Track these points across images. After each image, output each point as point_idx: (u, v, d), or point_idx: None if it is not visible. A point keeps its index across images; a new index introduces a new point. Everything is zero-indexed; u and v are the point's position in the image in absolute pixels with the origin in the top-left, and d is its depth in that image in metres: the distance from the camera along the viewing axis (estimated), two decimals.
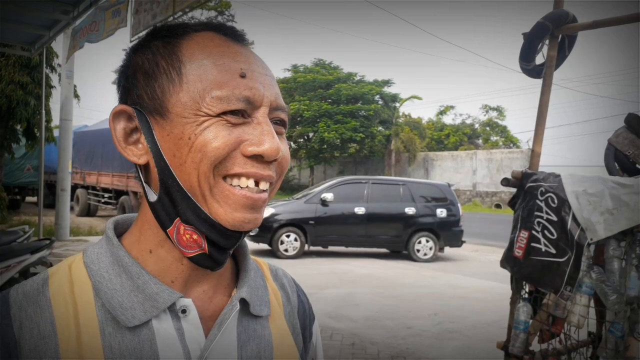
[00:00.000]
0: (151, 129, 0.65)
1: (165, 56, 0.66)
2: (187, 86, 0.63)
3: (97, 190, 16.28)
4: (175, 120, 0.63)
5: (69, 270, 0.67)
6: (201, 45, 0.66)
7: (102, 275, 0.65)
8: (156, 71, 0.66)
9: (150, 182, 0.68)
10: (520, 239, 2.82)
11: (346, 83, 34.12)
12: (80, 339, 0.61)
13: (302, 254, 10.75)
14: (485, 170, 30.80)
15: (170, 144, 0.63)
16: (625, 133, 2.80)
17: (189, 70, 0.64)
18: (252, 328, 0.71)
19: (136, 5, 5.73)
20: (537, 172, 2.93)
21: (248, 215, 0.64)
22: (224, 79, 0.63)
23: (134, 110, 0.66)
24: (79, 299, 0.63)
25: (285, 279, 0.85)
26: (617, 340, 2.46)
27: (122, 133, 0.67)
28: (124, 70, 0.70)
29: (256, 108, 0.65)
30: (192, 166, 0.62)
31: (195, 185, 0.63)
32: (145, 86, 0.66)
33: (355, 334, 5.55)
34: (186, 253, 0.65)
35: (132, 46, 0.71)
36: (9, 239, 5.01)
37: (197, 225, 0.63)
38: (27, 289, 0.64)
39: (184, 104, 0.63)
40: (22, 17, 7.34)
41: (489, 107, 40.90)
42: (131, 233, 0.71)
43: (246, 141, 0.63)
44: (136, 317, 0.63)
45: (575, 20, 3.00)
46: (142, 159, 0.66)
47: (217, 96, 0.62)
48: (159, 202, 0.65)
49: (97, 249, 0.69)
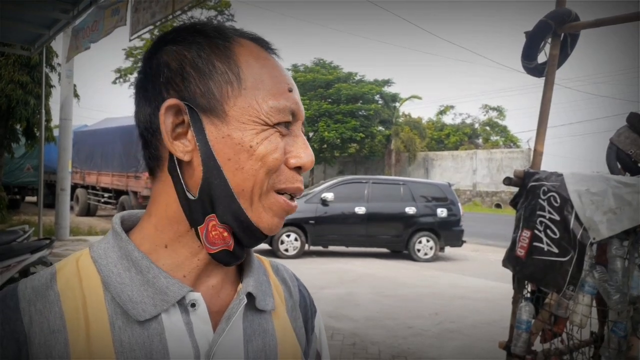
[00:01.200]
0: (203, 128, 0.65)
1: (221, 57, 0.66)
2: (245, 92, 0.65)
3: (97, 190, 16.29)
4: (233, 124, 0.64)
5: (76, 264, 0.67)
6: (254, 54, 0.68)
7: (111, 269, 0.65)
8: (212, 71, 0.66)
9: (187, 180, 0.66)
10: (523, 238, 2.81)
11: (346, 83, 34.12)
12: (90, 333, 0.61)
13: (302, 254, 10.75)
14: (486, 170, 30.82)
15: (226, 147, 0.64)
16: (627, 132, 2.79)
17: (247, 76, 0.65)
18: (257, 322, 0.71)
19: (135, 4, 5.72)
20: (539, 171, 2.92)
21: (281, 221, 0.68)
22: (279, 91, 0.66)
23: (186, 106, 0.65)
24: (88, 293, 0.63)
25: (287, 274, 0.86)
26: (620, 339, 2.45)
27: (170, 127, 0.66)
28: (163, 60, 0.67)
29: (296, 121, 0.68)
30: (251, 173, 0.64)
31: (247, 190, 0.64)
32: (199, 83, 0.65)
33: (356, 333, 5.54)
34: (210, 249, 0.66)
35: (163, 37, 0.70)
36: (8, 238, 5.00)
37: (232, 225, 0.65)
38: (35, 283, 0.64)
39: (242, 108, 0.64)
40: (22, 16, 7.32)
41: (489, 107, 40.93)
42: (142, 228, 0.70)
43: (289, 153, 0.66)
44: (147, 311, 0.63)
45: (578, 18, 2.99)
46: (187, 155, 0.65)
47: (275, 107, 0.65)
48: (198, 200, 0.65)
49: (104, 244, 0.69)
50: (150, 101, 0.68)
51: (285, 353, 0.73)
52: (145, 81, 0.69)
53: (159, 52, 0.68)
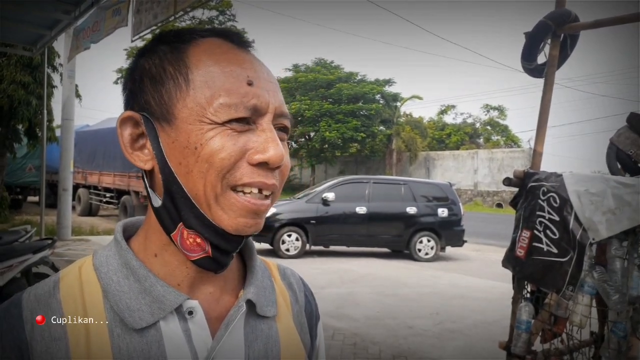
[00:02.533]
0: (157, 135, 0.65)
1: (172, 61, 0.66)
2: (194, 92, 0.64)
3: (99, 190, 16.30)
4: (181, 127, 0.63)
5: (79, 272, 0.68)
6: (208, 51, 0.66)
7: (111, 277, 0.66)
8: (163, 76, 0.66)
9: (154, 187, 0.68)
10: (522, 238, 2.81)
11: (347, 82, 34.12)
12: (90, 341, 0.62)
13: (303, 254, 10.75)
14: (487, 169, 30.80)
15: (176, 151, 0.64)
16: (627, 132, 2.80)
17: (196, 76, 0.64)
18: (259, 328, 0.71)
19: (137, 5, 5.73)
20: (539, 171, 2.93)
21: (250, 220, 0.65)
22: (232, 86, 0.63)
23: (141, 116, 0.67)
24: (89, 301, 0.65)
25: (293, 278, 0.86)
26: (620, 340, 2.45)
27: (128, 139, 0.68)
28: (131, 74, 0.70)
29: (261, 115, 0.65)
30: (199, 176, 0.62)
31: (201, 193, 0.63)
32: (153, 91, 0.66)
33: (356, 333, 5.55)
34: (190, 256, 0.66)
35: (139, 50, 0.72)
36: (11, 238, 5.01)
37: (199, 231, 0.64)
38: (39, 291, 0.65)
39: (190, 109, 0.63)
40: (24, 17, 7.33)
41: (490, 107, 40.89)
42: (138, 236, 0.72)
43: (251, 149, 0.63)
44: (143, 319, 0.64)
45: (578, 19, 2.99)
46: (148, 164, 0.67)
47: (225, 103, 0.63)
48: (163, 208, 0.66)
49: (106, 252, 0.70)
50: None
51: (289, 358, 0.74)
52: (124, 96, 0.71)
53: (134, 66, 0.70)
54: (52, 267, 5.15)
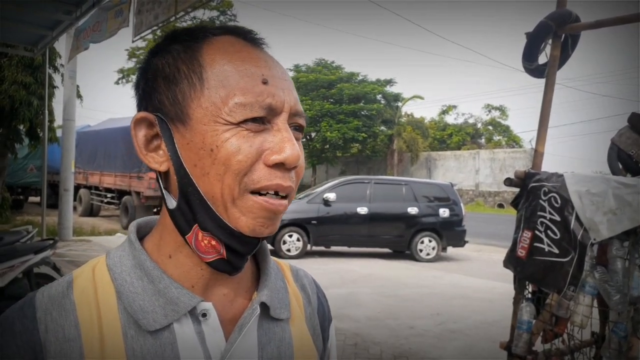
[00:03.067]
0: (172, 136, 0.64)
1: (186, 61, 0.65)
2: (208, 92, 0.62)
3: (100, 190, 16.31)
4: (195, 127, 0.62)
5: (92, 272, 0.67)
6: (222, 50, 0.65)
7: (124, 278, 0.66)
8: (177, 76, 0.65)
9: (169, 188, 0.67)
10: (523, 239, 2.81)
11: (348, 82, 34.11)
12: (104, 342, 0.61)
13: (304, 254, 10.75)
14: (488, 169, 30.77)
15: (191, 153, 0.63)
16: (629, 133, 2.80)
17: (210, 75, 0.63)
18: (272, 331, 0.71)
19: (138, 6, 5.73)
20: (540, 172, 2.93)
21: (267, 221, 0.64)
22: (247, 85, 0.62)
23: (155, 117, 0.66)
24: (102, 302, 0.64)
25: (306, 280, 0.86)
26: (621, 340, 2.45)
27: (143, 140, 0.67)
28: (144, 73, 0.69)
29: (277, 115, 0.64)
30: (216, 178, 0.62)
31: (217, 196, 0.62)
32: (166, 91, 0.65)
33: (357, 333, 5.55)
34: (204, 258, 0.65)
35: (151, 49, 0.71)
36: (12, 239, 5.01)
37: (215, 233, 0.64)
38: (52, 292, 0.65)
39: (204, 109, 0.62)
40: (25, 18, 7.35)
41: (492, 107, 40.85)
42: (152, 237, 0.71)
43: (267, 150, 0.62)
44: (157, 321, 0.63)
45: (578, 19, 2.99)
46: (163, 166, 0.66)
47: (240, 103, 0.61)
48: (178, 209, 0.65)
49: (120, 252, 0.69)
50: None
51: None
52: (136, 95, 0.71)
53: (146, 65, 0.69)
54: (53, 267, 5.15)
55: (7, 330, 0.62)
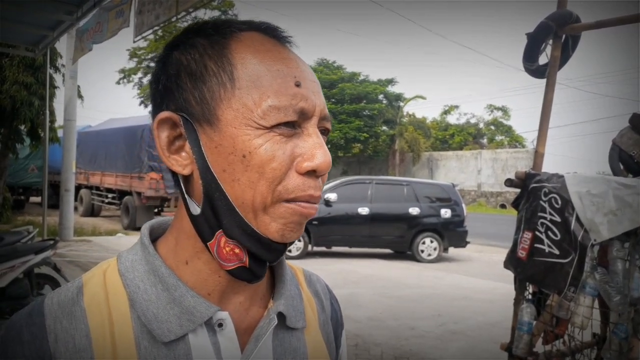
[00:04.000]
0: (198, 138, 0.60)
1: (215, 57, 0.61)
2: (239, 92, 0.59)
3: (101, 191, 16.33)
4: (225, 130, 0.59)
5: (103, 277, 0.64)
6: (252, 47, 0.61)
7: (138, 285, 0.62)
8: (205, 74, 0.61)
9: (192, 193, 0.63)
10: (524, 239, 2.80)
11: (350, 82, 34.16)
12: (116, 353, 0.58)
13: (305, 255, 10.75)
14: (490, 170, 30.76)
15: (220, 157, 0.59)
16: (630, 133, 2.79)
17: (241, 74, 0.59)
18: (287, 341, 0.68)
19: (139, 6, 5.74)
20: (540, 172, 2.92)
21: (297, 226, 0.61)
22: (280, 87, 0.59)
23: (180, 117, 0.61)
24: (114, 310, 0.61)
25: (319, 285, 0.82)
26: (621, 341, 2.44)
27: (166, 141, 0.62)
28: (164, 67, 0.64)
29: (307, 119, 0.61)
30: (248, 185, 0.58)
31: (248, 203, 0.59)
32: (193, 89, 0.61)
33: (358, 334, 5.54)
34: (225, 266, 0.61)
35: (170, 42, 0.66)
36: (13, 239, 5.02)
37: (241, 240, 0.60)
38: (61, 298, 0.62)
39: (235, 111, 0.58)
40: (26, 18, 7.36)
41: (494, 107, 40.84)
42: (166, 241, 0.67)
43: (298, 157, 0.59)
44: (172, 331, 0.60)
45: (579, 20, 2.98)
46: (187, 169, 0.62)
47: (274, 106, 0.58)
48: (202, 215, 0.61)
49: (132, 256, 0.66)
50: (155, 112, 0.65)
51: None
52: (151, 91, 0.67)
53: (166, 59, 0.65)
54: (54, 267, 5.16)
55: (14, 339, 0.59)
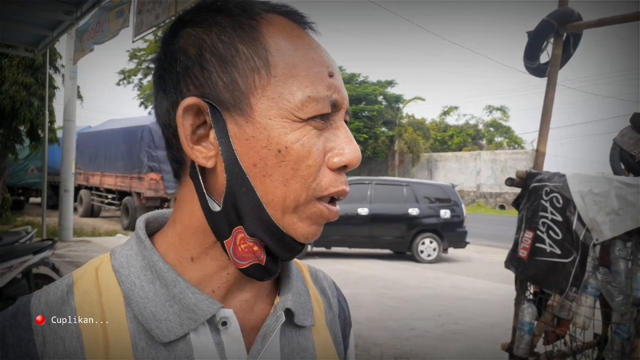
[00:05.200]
0: (226, 128, 0.56)
1: (246, 40, 0.56)
2: (275, 80, 0.55)
3: (101, 191, 16.32)
4: (259, 121, 0.55)
5: (95, 274, 0.59)
6: (284, 32, 0.57)
7: (134, 282, 0.58)
8: (235, 57, 0.56)
9: (211, 188, 0.58)
10: (525, 239, 2.79)
11: (349, 84, 34.15)
12: (110, 356, 0.54)
13: (305, 255, 10.74)
14: (490, 171, 30.76)
15: (251, 150, 0.55)
16: (631, 133, 2.78)
17: (277, 61, 0.55)
18: (295, 340, 0.64)
19: (139, 5, 5.73)
20: (541, 171, 2.91)
21: (320, 227, 0.59)
22: (316, 77, 0.56)
23: (207, 104, 0.56)
24: (108, 309, 0.56)
25: (326, 282, 0.79)
26: (623, 342, 2.43)
27: (190, 130, 0.57)
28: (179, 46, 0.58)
29: (337, 111, 0.58)
30: (281, 182, 0.55)
31: (279, 200, 0.55)
32: (222, 73, 0.56)
33: (358, 335, 5.52)
34: (239, 264, 0.57)
35: (181, 17, 0.60)
36: (11, 239, 5.00)
37: (263, 238, 0.56)
38: (50, 297, 0.57)
39: (271, 100, 0.54)
40: (25, 18, 7.35)
41: (493, 108, 40.84)
42: (166, 235, 0.62)
43: (330, 151, 0.57)
44: (172, 330, 0.56)
45: (580, 18, 2.98)
46: (210, 161, 0.57)
47: (313, 97, 0.55)
48: (222, 212, 0.56)
49: (127, 251, 0.61)
50: (167, 94, 0.59)
51: None
52: (161, 70, 0.60)
53: (177, 35, 0.59)
54: (52, 268, 5.14)
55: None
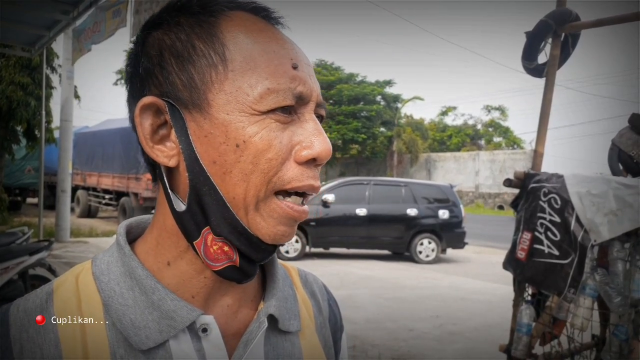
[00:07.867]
0: (186, 126, 0.55)
1: (203, 37, 0.56)
2: (233, 74, 0.54)
3: (98, 192, 16.30)
4: (216, 116, 0.54)
5: (75, 282, 0.59)
6: (243, 26, 0.57)
7: (113, 289, 0.57)
8: (192, 54, 0.56)
9: (176, 187, 0.58)
10: (523, 240, 2.78)
11: (348, 84, 34.15)
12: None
13: (303, 256, 10.72)
14: (488, 171, 30.78)
15: (210, 147, 0.54)
16: (629, 133, 2.77)
17: (234, 55, 0.55)
18: (280, 346, 0.63)
19: (136, 5, 5.71)
20: (539, 172, 2.90)
21: (289, 228, 0.57)
22: (277, 69, 0.55)
23: (166, 103, 0.56)
24: (87, 317, 0.56)
25: (316, 286, 0.77)
26: (621, 343, 2.42)
27: (149, 130, 0.57)
28: (144, 48, 0.59)
29: (305, 104, 0.57)
30: (241, 178, 0.54)
31: (240, 197, 0.54)
32: (179, 72, 0.56)
33: (356, 336, 5.51)
34: (213, 266, 0.57)
35: (149, 21, 0.60)
36: (7, 240, 4.98)
37: (230, 238, 0.56)
38: (29, 305, 0.56)
39: (228, 94, 0.54)
40: (22, 18, 7.34)
41: (491, 108, 40.88)
42: (145, 241, 0.62)
43: (297, 145, 0.56)
44: (151, 338, 0.55)
45: (579, 18, 2.97)
46: (172, 160, 0.56)
47: (273, 89, 0.54)
48: (188, 212, 0.56)
49: (108, 258, 0.60)
50: (134, 97, 0.59)
51: None
52: (128, 75, 0.60)
53: (143, 40, 0.60)
54: (48, 269, 5.13)
55: None
